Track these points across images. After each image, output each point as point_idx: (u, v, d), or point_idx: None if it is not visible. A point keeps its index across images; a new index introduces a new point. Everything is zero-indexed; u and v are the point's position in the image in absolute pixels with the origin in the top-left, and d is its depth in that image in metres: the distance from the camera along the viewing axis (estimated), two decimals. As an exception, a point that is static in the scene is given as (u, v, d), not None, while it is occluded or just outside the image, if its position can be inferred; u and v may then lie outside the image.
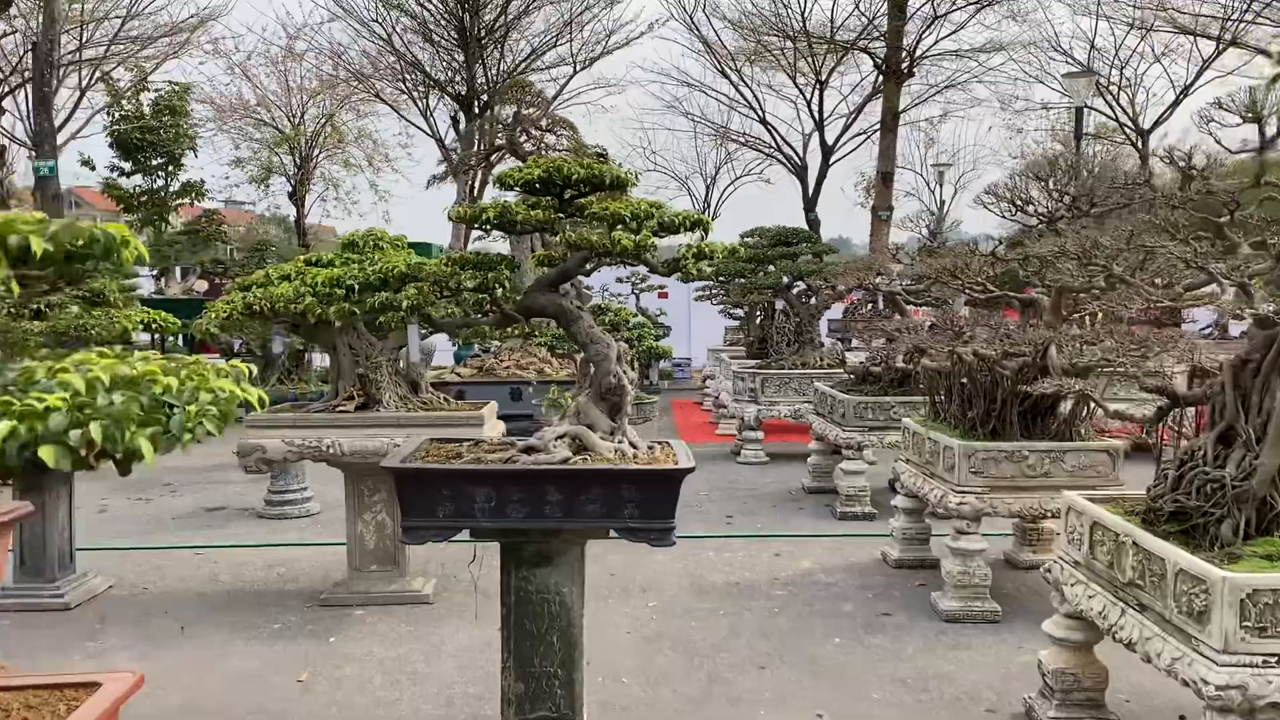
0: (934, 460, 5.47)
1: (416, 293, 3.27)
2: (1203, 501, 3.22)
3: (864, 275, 7.53)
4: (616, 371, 3.45)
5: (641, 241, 3.10)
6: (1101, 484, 5.08)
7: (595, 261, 3.43)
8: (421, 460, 3.47)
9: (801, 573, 5.98)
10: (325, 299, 3.93)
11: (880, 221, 17.75)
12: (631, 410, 3.75)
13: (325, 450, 5.15)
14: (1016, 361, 5.15)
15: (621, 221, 3.14)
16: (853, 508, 7.41)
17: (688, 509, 7.69)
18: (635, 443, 3.52)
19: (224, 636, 4.96)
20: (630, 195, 3.39)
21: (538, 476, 3.25)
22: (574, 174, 3.22)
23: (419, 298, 3.26)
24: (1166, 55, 21.95)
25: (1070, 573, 3.78)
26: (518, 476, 3.25)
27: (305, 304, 4.03)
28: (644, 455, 3.47)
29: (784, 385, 9.73)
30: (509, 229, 3.26)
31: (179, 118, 23.55)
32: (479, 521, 3.29)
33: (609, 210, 3.11)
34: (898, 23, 17.84)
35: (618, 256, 3.22)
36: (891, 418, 7.28)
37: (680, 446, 3.63)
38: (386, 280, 3.53)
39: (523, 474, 3.25)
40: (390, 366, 5.36)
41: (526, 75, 20.12)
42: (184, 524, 7.46)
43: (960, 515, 5.10)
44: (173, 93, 23.25)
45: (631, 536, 3.30)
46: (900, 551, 6.09)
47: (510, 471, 3.26)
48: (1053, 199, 5.63)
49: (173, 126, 23.22)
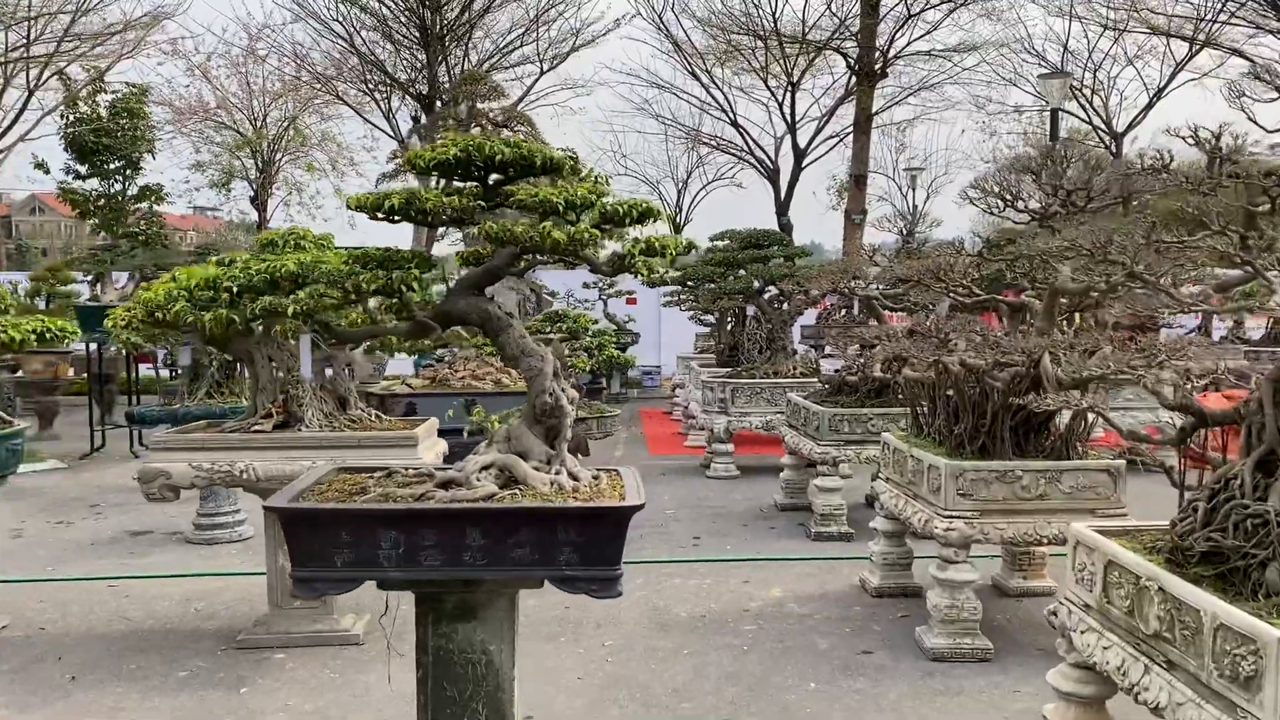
0: (917, 480, 4.98)
1: (307, 297, 2.73)
2: (1242, 540, 2.74)
3: (838, 279, 7.05)
4: (553, 389, 2.92)
5: (577, 235, 2.57)
6: (1103, 507, 4.62)
7: (531, 259, 2.90)
8: (318, 497, 2.92)
9: (773, 603, 5.46)
10: (200, 304, 3.37)
11: (853, 225, 17.35)
12: (583, 430, 3.21)
13: (238, 475, 4.58)
14: (1008, 372, 4.67)
15: (555, 211, 2.61)
16: (828, 527, 6.91)
17: (652, 530, 7.16)
18: (576, 473, 2.99)
19: (119, 689, 4.37)
20: (572, 181, 2.86)
21: (456, 517, 2.72)
22: (498, 154, 2.69)
23: (310, 302, 2.72)
24: (1140, 57, 21.77)
25: (1080, 618, 3.28)
26: (431, 517, 2.72)
27: (176, 309, 3.46)
28: (586, 488, 2.94)
29: (755, 395, 9.23)
30: (419, 219, 2.74)
31: (137, 120, 22.78)
32: (386, 571, 2.76)
33: (538, 197, 2.58)
34: (870, 21, 17.46)
35: (550, 252, 2.69)
36: (869, 431, 6.80)
37: (630, 477, 3.10)
38: (275, 282, 2.99)
39: (437, 514, 2.72)
40: (315, 380, 4.79)
41: (490, 74, 19.58)
42: (103, 551, 6.84)
43: (947, 543, 4.60)
44: (130, 95, 22.48)
45: (569, 587, 2.77)
46: (880, 578, 5.59)
47: (422, 511, 2.72)
48: (1046, 194, 5.17)
49: (130, 130, 22.45)
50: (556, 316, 7.13)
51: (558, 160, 2.78)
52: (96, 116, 22.67)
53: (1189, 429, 3.11)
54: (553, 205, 2.57)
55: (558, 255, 2.72)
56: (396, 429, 4.81)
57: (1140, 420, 9.13)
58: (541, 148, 2.74)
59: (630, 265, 2.79)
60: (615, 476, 3.14)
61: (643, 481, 2.97)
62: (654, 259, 2.78)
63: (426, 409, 8.68)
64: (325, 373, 4.83)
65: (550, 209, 2.59)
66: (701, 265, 10.52)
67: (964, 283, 5.18)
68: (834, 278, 7.13)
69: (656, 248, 2.72)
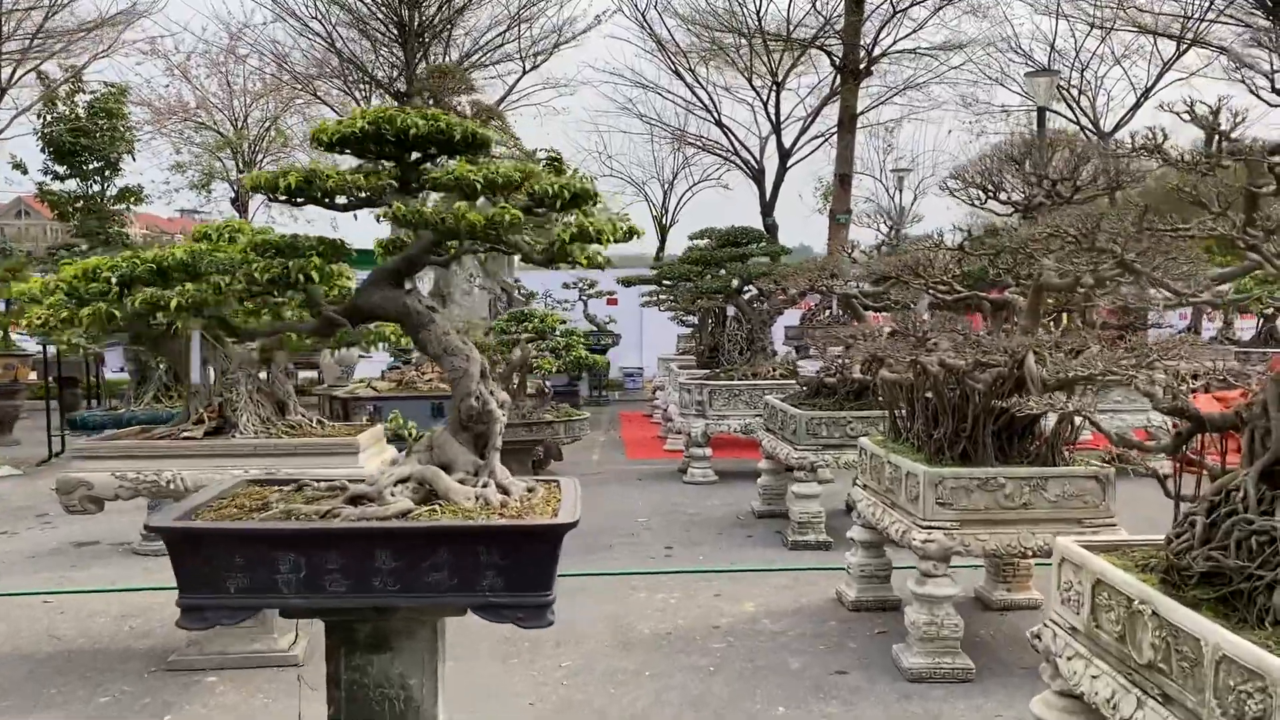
0: (894, 488, 4.69)
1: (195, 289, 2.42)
2: (1246, 560, 2.45)
3: (816, 277, 6.76)
4: (479, 392, 2.62)
5: (497, 218, 2.27)
6: (1091, 516, 4.33)
7: (458, 246, 2.60)
8: (215, 514, 2.60)
9: (745, 619, 5.16)
10: (78, 298, 3.05)
11: (838, 225, 17.07)
12: (549, 435, 2.91)
13: (165, 485, 4.26)
14: (990, 373, 4.39)
15: (473, 190, 2.31)
16: (805, 536, 6.62)
17: (623, 539, 6.85)
18: (507, 486, 2.69)
19: (33, 718, 4.04)
20: (501, 160, 2.56)
21: (363, 537, 2.41)
22: (411, 127, 2.39)
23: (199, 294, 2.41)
24: (1127, 57, 21.57)
25: (1066, 642, 2.99)
26: (335, 537, 2.41)
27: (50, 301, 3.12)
28: (516, 504, 2.64)
29: (733, 397, 8.93)
30: (320, 201, 2.44)
31: (116, 120, 22.35)
32: (286, 598, 2.45)
33: (454, 176, 2.28)
34: (855, 18, 17.19)
35: (469, 238, 2.39)
36: (848, 434, 6.50)
37: (570, 490, 2.80)
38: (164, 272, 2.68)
39: (342, 534, 2.41)
40: (251, 383, 4.47)
41: (470, 72, 19.28)
42: (45, 563, 6.50)
43: (925, 555, 4.31)
44: (109, 95, 22.05)
45: (493, 615, 2.47)
46: (858, 591, 5.29)
47: (325, 532, 2.41)
48: (1029, 184, 4.88)
49: (109, 130, 22.03)
50: (522, 316, 6.81)
51: (481, 136, 2.48)
52: (75, 116, 22.26)
53: (1185, 435, 2.82)
54: (469, 184, 2.28)
55: (479, 241, 2.42)
56: (340, 435, 4.49)
57: (1129, 423, 8.87)
58: (461, 121, 2.44)
59: (564, 253, 2.49)
60: (554, 489, 2.84)
61: (620, 486, 2.68)
62: (591, 245, 2.48)
63: (391, 412, 8.39)
64: (262, 375, 4.51)
65: (468, 189, 2.29)
66: (678, 264, 10.22)
67: (944, 279, 4.89)
68: (812, 276, 6.84)
69: (591, 232, 2.42)
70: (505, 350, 6.75)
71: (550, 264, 2.59)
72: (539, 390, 7.45)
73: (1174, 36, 19.67)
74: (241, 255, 2.43)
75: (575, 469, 9.58)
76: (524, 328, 6.73)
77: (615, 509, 7.87)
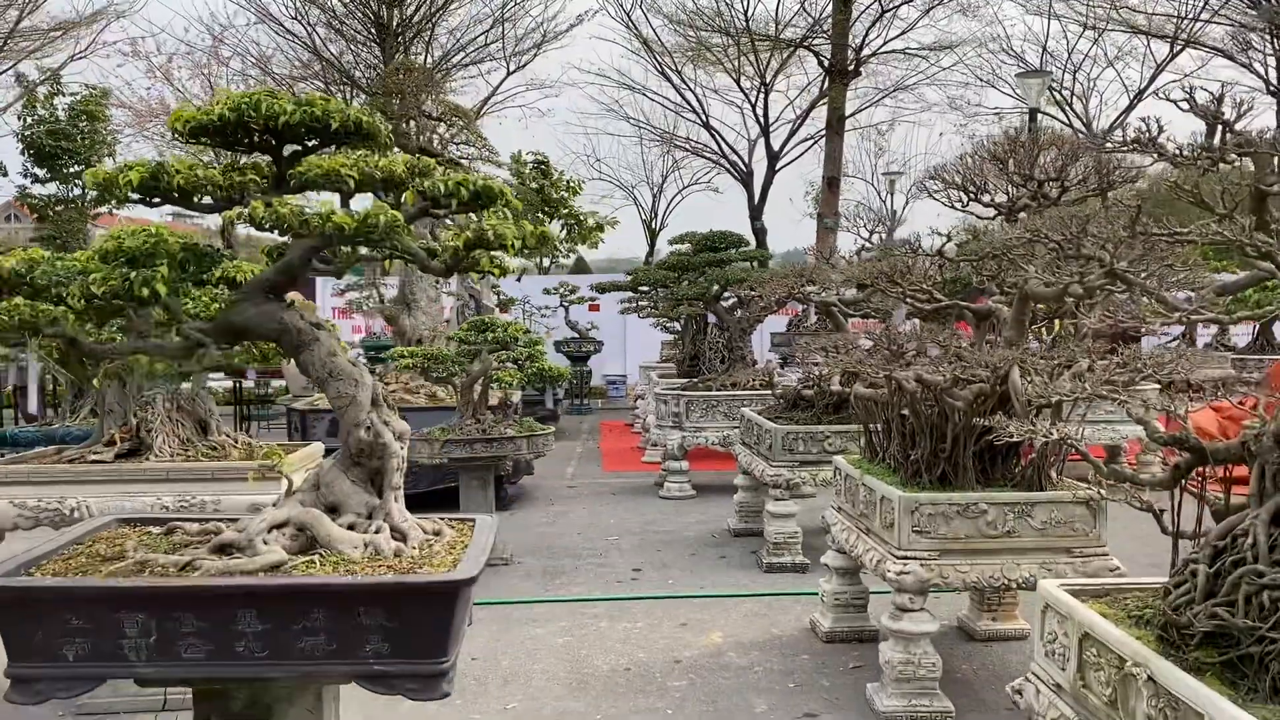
0: (869, 513, 4.34)
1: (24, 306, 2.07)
2: (1256, 620, 2.10)
3: (794, 284, 6.41)
4: (370, 422, 2.27)
5: (372, 219, 1.92)
6: (1081, 545, 3.99)
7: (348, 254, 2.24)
8: (62, 564, 2.25)
9: (710, 652, 4.80)
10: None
11: (826, 230, 16.72)
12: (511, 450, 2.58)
13: (68, 514, 3.89)
14: (971, 389, 4.05)
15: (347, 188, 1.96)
16: (781, 557, 6.27)
17: (589, 560, 6.50)
18: (405, 529, 2.33)
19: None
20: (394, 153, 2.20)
21: (220, 597, 2.05)
22: (281, 114, 2.04)
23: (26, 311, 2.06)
24: (1120, 59, 21.27)
25: (1051, 701, 2.65)
26: (188, 597, 2.05)
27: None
28: (415, 551, 2.28)
29: (711, 409, 8.57)
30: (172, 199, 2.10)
31: (97, 123, 22.00)
32: (134, 666, 2.09)
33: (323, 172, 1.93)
34: (842, 16, 16.87)
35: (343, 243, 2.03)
36: (826, 450, 6.15)
37: (483, 531, 2.45)
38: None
39: (194, 593, 2.05)
40: (171, 400, 4.12)
41: (453, 72, 18.94)
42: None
43: (901, 588, 3.96)
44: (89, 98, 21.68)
45: (380, 686, 2.11)
46: (832, 621, 4.95)
47: (175, 590, 2.05)
48: (1013, 184, 4.54)
49: (90, 133, 21.67)
50: (484, 325, 6.45)
51: (369, 125, 2.13)
52: (54, 119, 21.88)
53: (1184, 468, 2.48)
54: (341, 180, 1.93)
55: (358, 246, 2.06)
56: (262, 457, 4.13)
57: (1122, 434, 8.53)
58: (341, 106, 2.10)
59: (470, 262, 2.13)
60: (465, 530, 2.48)
61: (593, 501, 2.32)
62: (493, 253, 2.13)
63: (352, 426, 8.02)
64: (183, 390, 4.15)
65: (340, 185, 1.94)
66: (653, 269, 9.87)
67: (923, 286, 4.55)
68: (789, 283, 6.49)
69: (490, 238, 2.07)
70: (466, 361, 6.39)
71: (449, 274, 2.25)
72: (501, 403, 7.09)
73: (1167, 37, 19.38)
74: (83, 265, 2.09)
75: (548, 483, 9.24)
76: (485, 337, 6.37)
77: (585, 526, 7.52)
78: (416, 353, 6.45)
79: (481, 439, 6.20)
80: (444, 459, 6.20)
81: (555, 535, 7.21)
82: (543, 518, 7.83)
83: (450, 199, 2.05)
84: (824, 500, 7.01)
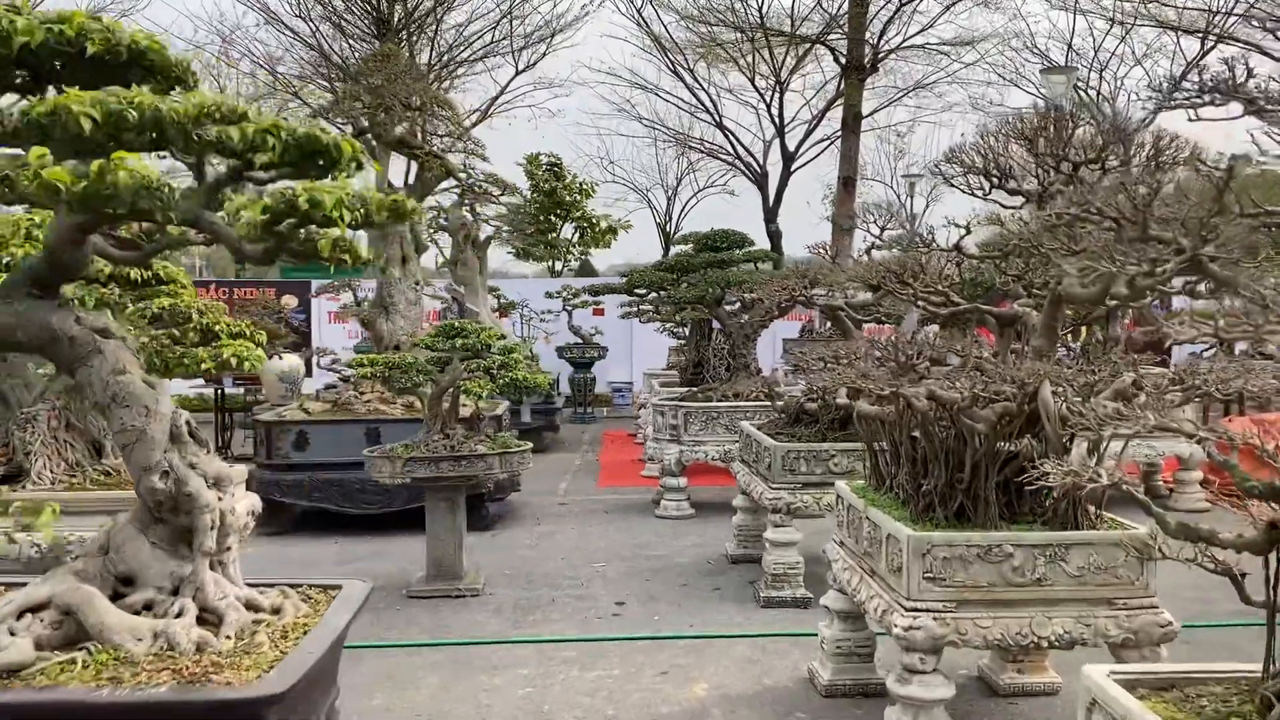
0: (874, 552, 3.71)
1: None
2: None
3: (795, 286, 5.78)
4: (168, 465, 1.66)
5: (111, 176, 1.31)
6: (1124, 595, 3.35)
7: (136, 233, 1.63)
8: None
9: (692, 709, 4.17)
10: None
11: (841, 232, 16.04)
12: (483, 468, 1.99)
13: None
14: (994, 408, 3.41)
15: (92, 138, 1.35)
16: (780, 591, 5.62)
17: (569, 591, 5.88)
18: (219, 608, 1.72)
19: None
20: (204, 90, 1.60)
21: (-81, 717, 1.45)
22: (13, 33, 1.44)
23: None
24: (1148, 56, 20.47)
25: (1100, 832, 2.01)
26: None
27: None
28: (226, 643, 1.67)
29: (711, 421, 7.95)
30: None
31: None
32: None
33: (50, 108, 1.33)
34: (859, 10, 16.22)
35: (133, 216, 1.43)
36: (831, 471, 5.52)
37: (341, 608, 1.83)
38: None
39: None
40: (56, 418, 3.54)
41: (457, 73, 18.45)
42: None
43: (910, 646, 3.33)
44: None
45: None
46: (832, 672, 4.30)
47: None
48: (1044, 168, 3.90)
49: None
50: (454, 330, 5.86)
51: (154, 56, 1.52)
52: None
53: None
54: (71, 118, 1.32)
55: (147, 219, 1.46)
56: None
57: (1160, 450, 7.86)
58: (108, 25, 1.50)
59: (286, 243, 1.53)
60: (319, 605, 1.87)
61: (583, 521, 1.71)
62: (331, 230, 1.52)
63: (321, 439, 7.46)
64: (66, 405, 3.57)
65: (73, 128, 1.34)
66: (649, 271, 9.26)
67: (938, 287, 3.91)
68: (790, 285, 5.86)
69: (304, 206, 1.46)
70: (434, 370, 5.80)
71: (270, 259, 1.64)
72: (472, 416, 6.49)
73: (1198, 32, 18.57)
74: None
75: (537, 499, 8.63)
76: (455, 344, 5.77)
77: (571, 549, 6.91)
78: (377, 360, 5.87)
79: (449, 457, 5.60)
80: (406, 479, 5.60)
81: (536, 560, 6.60)
82: (526, 539, 7.23)
83: (251, 153, 1.44)
84: (829, 522, 6.40)
